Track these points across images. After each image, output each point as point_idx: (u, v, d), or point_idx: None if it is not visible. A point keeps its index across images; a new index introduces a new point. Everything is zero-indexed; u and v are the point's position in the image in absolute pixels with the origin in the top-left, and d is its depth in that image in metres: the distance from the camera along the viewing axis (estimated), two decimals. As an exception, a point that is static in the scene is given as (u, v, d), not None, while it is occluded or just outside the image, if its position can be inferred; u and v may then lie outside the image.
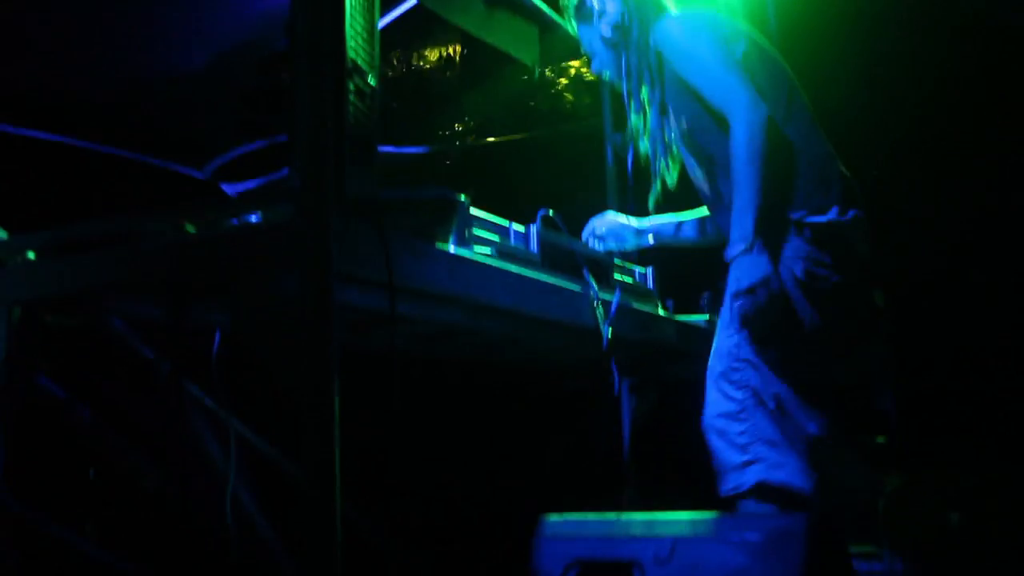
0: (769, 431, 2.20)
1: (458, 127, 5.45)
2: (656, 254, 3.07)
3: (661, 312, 2.90)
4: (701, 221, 2.85)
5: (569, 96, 4.78)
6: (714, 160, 2.41)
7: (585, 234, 2.96)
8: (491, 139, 5.31)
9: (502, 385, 3.90)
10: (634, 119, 2.58)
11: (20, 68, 3.93)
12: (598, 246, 2.91)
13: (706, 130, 2.39)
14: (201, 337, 2.12)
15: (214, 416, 2.29)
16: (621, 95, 2.64)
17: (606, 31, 2.56)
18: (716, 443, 2.26)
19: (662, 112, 2.50)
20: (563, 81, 5.09)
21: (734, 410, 2.24)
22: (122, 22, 3.83)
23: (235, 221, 1.68)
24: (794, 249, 2.23)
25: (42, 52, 3.90)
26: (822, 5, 4.27)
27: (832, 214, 2.25)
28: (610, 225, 2.96)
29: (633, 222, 2.95)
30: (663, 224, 2.93)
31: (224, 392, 2.20)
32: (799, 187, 2.26)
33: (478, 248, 2.08)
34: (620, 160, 4.25)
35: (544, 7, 3.95)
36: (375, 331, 2.28)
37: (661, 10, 2.50)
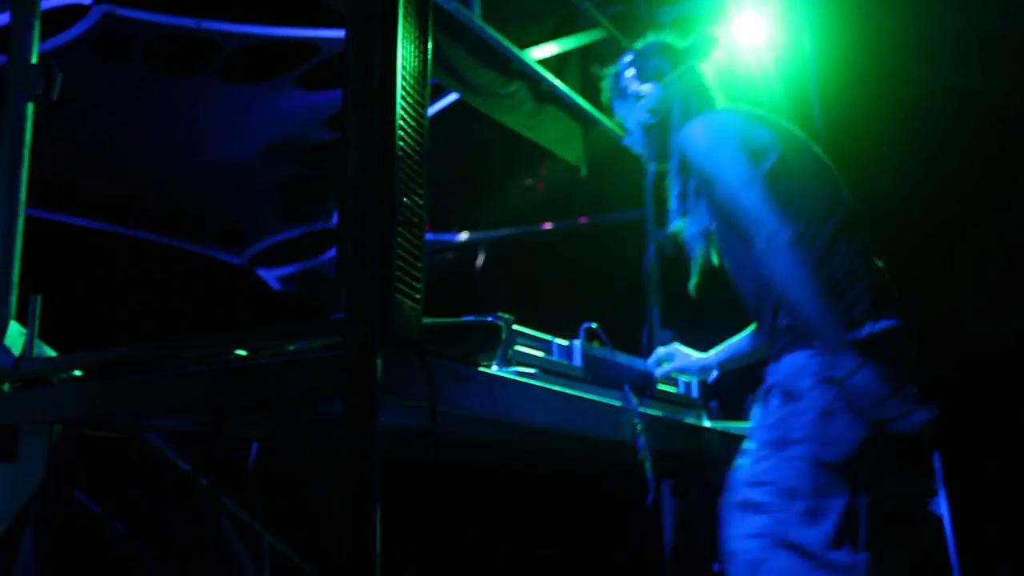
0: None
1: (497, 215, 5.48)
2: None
3: (705, 422, 2.84)
4: (753, 333, 2.77)
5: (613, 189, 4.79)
6: (738, 273, 2.35)
7: (651, 360, 2.85)
8: (530, 227, 5.33)
9: (542, 489, 3.84)
10: (678, 222, 2.51)
11: (75, 161, 4.04)
12: (659, 372, 2.80)
13: (732, 247, 2.34)
14: (237, 449, 2.10)
15: (248, 529, 2.25)
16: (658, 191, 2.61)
17: (644, 117, 2.52)
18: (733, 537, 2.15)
19: (684, 207, 2.45)
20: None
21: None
22: (170, 117, 3.93)
23: (290, 347, 1.67)
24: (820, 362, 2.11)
25: (96, 145, 4.01)
26: (868, 98, 4.27)
27: (863, 331, 2.11)
28: (676, 358, 2.84)
29: (694, 355, 2.84)
30: (724, 353, 2.81)
31: (259, 505, 2.17)
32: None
33: (521, 368, 2.05)
34: (662, 256, 4.24)
35: (587, 105, 3.99)
36: (414, 442, 2.25)
37: (703, 104, 2.44)
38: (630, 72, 2.56)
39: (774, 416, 2.17)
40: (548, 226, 5.25)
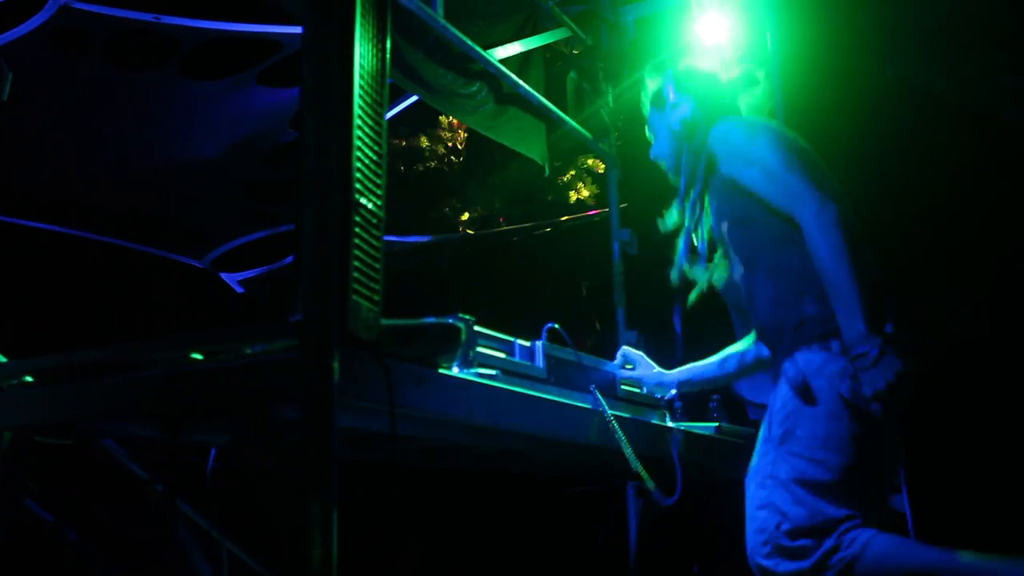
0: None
1: (463, 216, 5.46)
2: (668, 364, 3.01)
3: (669, 423, 2.84)
4: (723, 360, 2.80)
5: (578, 189, 4.79)
6: (752, 256, 2.40)
7: (616, 361, 2.86)
8: (495, 229, 5.31)
9: (505, 490, 3.82)
10: (676, 216, 2.59)
11: (30, 161, 3.96)
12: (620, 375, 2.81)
13: (751, 221, 2.37)
14: (194, 455, 2.06)
15: (206, 535, 2.21)
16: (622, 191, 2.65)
17: (675, 124, 2.60)
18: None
19: (701, 214, 2.52)
20: (571, 173, 5.11)
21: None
22: (131, 114, 3.86)
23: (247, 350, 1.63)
24: (839, 367, 2.16)
25: (52, 144, 3.93)
26: (830, 97, 4.29)
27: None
28: (639, 366, 2.86)
29: (656, 369, 2.85)
30: (686, 374, 2.85)
31: (217, 511, 2.13)
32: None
33: (483, 369, 2.03)
34: (626, 256, 4.24)
35: (551, 106, 3.98)
36: (375, 445, 2.23)
37: (730, 115, 2.54)
38: (671, 83, 2.66)
39: (784, 412, 2.23)
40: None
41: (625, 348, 2.90)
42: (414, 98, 4.09)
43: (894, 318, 2.19)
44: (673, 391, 2.87)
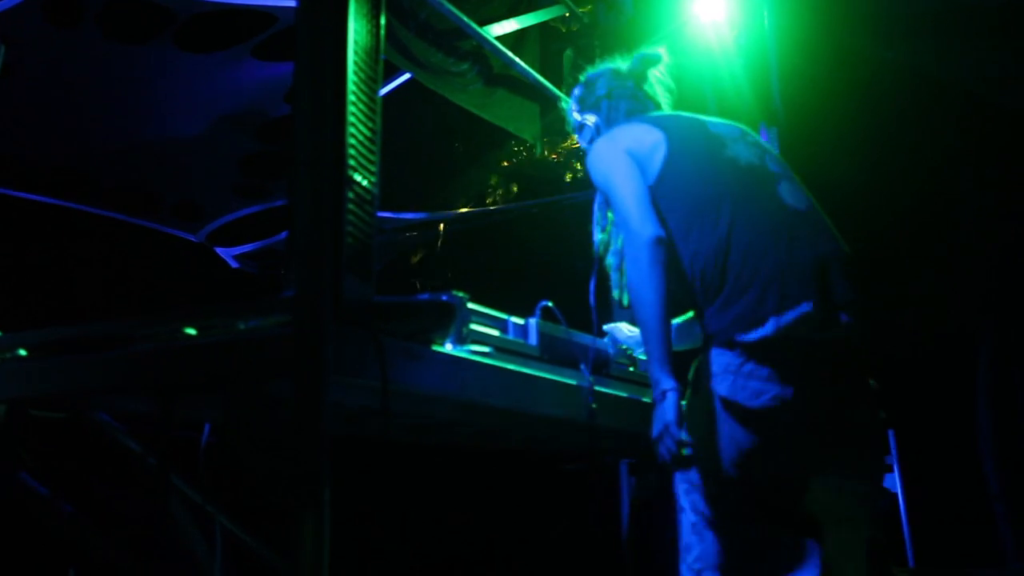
0: (718, 556, 2.14)
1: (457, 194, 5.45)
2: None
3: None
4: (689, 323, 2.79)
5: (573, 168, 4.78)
6: None
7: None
8: (488, 207, 5.31)
9: (499, 466, 3.84)
10: (600, 235, 2.55)
11: (24, 132, 3.94)
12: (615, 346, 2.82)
13: None
14: (188, 430, 2.07)
15: (199, 510, 2.23)
16: None
17: (585, 145, 2.59)
18: (681, 566, 2.21)
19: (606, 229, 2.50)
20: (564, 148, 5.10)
21: (690, 530, 2.19)
22: (125, 86, 3.84)
23: (241, 325, 1.64)
24: (721, 365, 2.09)
25: (46, 116, 3.91)
26: (826, 77, 4.29)
27: (767, 327, 2.04)
28: (621, 337, 2.87)
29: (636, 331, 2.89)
30: None
31: (210, 485, 2.15)
32: (720, 303, 2.10)
33: (476, 346, 2.03)
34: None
35: (547, 83, 3.96)
36: (368, 421, 2.23)
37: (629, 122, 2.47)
38: (575, 105, 2.66)
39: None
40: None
41: (606, 327, 2.91)
42: (404, 78, 4.07)
43: (794, 300, 2.07)
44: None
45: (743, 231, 2.12)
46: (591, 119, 2.57)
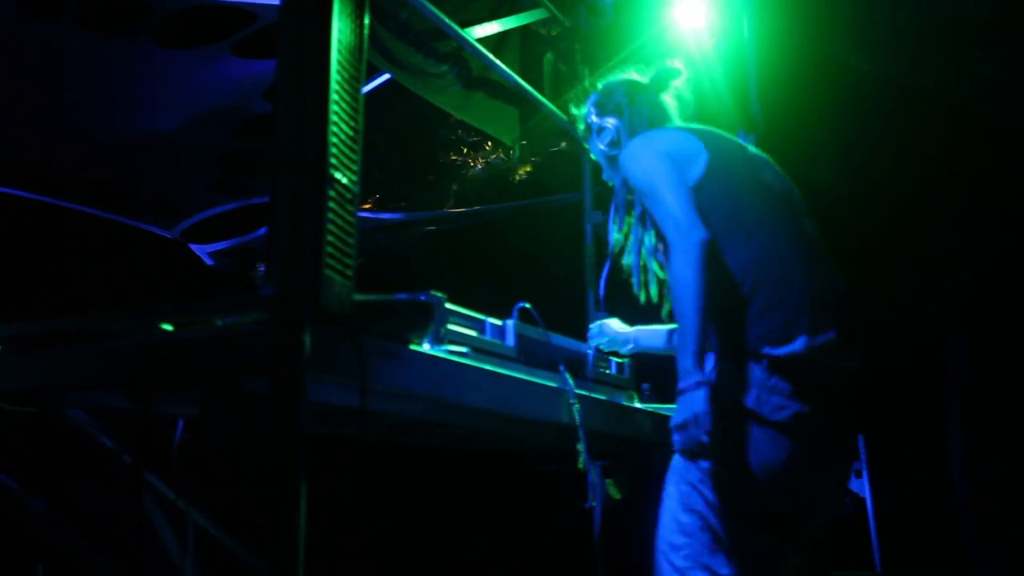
0: (707, 557, 2.15)
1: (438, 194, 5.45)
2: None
3: (637, 403, 2.87)
4: (672, 332, 2.85)
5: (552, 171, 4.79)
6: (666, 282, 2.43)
7: (590, 337, 2.98)
8: (469, 208, 5.31)
9: (473, 466, 3.84)
10: (616, 235, 2.61)
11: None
12: (598, 347, 2.88)
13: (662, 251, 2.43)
14: (163, 426, 2.05)
15: (172, 507, 2.21)
16: (596, 174, 2.69)
17: (605, 147, 2.64)
18: (662, 564, 2.22)
19: (630, 230, 2.55)
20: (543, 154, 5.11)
21: (679, 529, 2.20)
22: (103, 81, 3.81)
23: (219, 322, 1.63)
24: (748, 377, 2.14)
25: (21, 109, 3.87)
26: (805, 85, 4.32)
27: (797, 344, 2.12)
28: (610, 332, 2.98)
29: (628, 330, 2.95)
30: (651, 335, 2.92)
31: (184, 483, 2.13)
32: (752, 316, 2.16)
33: (453, 346, 2.04)
34: (599, 238, 4.26)
35: (527, 86, 3.97)
36: (345, 421, 2.23)
37: (653, 128, 2.54)
38: (593, 109, 2.70)
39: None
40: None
41: (597, 322, 2.98)
42: (384, 79, 4.06)
43: (825, 326, 2.16)
44: (631, 346, 2.94)
45: (773, 256, 2.21)
46: (611, 121, 2.63)
